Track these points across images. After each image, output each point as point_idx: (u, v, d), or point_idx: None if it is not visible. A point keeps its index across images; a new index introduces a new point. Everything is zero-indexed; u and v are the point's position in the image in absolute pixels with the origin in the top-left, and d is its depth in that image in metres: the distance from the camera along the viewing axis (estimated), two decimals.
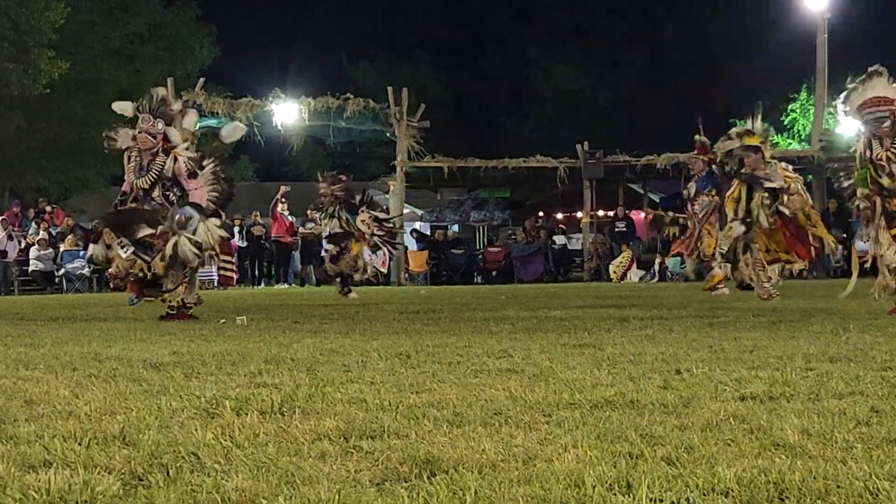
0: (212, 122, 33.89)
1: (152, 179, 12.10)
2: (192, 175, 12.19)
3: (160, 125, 12.19)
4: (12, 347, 8.33)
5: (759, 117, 15.98)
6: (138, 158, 12.23)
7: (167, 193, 12.16)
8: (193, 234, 11.96)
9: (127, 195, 12.42)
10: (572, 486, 3.12)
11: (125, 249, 11.84)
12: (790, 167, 15.07)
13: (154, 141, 12.17)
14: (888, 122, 10.83)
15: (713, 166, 18.14)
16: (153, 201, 12.16)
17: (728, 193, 14.68)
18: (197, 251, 11.97)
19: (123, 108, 12.95)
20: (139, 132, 12.21)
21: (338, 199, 19.33)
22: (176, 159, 12.10)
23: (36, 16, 36.91)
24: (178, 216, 12.02)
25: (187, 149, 12.27)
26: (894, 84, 11.07)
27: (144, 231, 11.86)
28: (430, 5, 72.80)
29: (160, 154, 12.17)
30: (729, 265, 17.36)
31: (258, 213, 33.09)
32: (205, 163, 12.28)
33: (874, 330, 8.51)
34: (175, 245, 11.79)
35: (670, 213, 19.82)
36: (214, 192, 12.35)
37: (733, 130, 15.85)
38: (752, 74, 52.06)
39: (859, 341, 7.52)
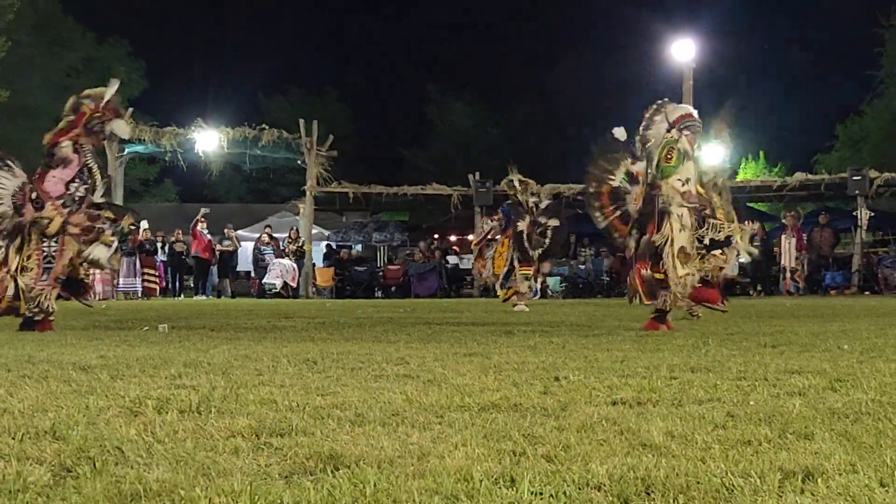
0: (139, 147, 33.70)
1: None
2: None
3: None
4: None
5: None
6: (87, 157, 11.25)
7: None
8: None
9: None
10: (462, 480, 3.12)
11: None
12: None
13: None
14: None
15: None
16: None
17: None
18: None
19: (124, 129, 12.14)
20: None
21: None
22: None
23: None
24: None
25: None
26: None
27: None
28: (339, 46, 73.06)
29: None
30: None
31: (180, 232, 32.79)
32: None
33: (730, 344, 8.62)
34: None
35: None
36: None
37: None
38: (625, 115, 52.72)
39: (717, 354, 7.61)
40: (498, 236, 19.52)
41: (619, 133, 11.79)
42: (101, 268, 12.57)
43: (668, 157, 11.10)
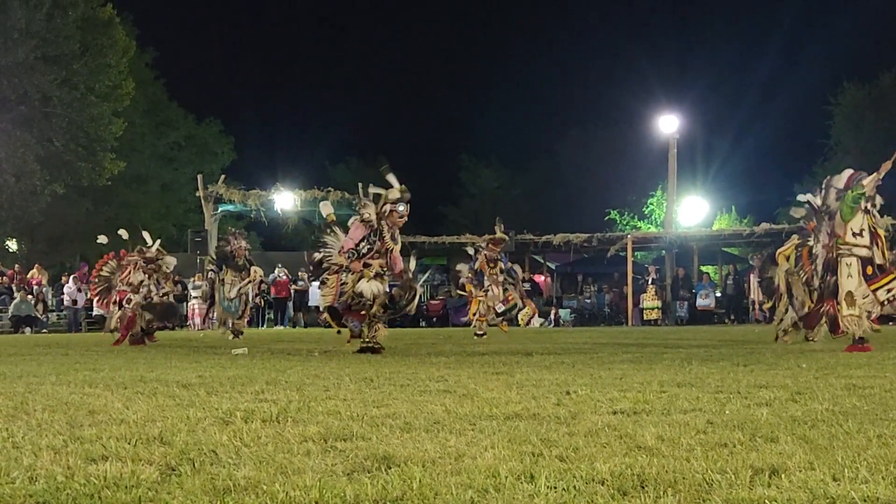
0: (230, 207, 33.93)
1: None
2: None
3: None
4: (80, 371, 8.22)
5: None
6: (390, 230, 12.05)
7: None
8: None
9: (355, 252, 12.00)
10: (490, 476, 3.11)
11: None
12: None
13: None
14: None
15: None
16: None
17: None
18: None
19: (327, 208, 13.47)
20: (402, 217, 12.31)
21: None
22: None
23: (102, 128, 36.94)
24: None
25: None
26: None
27: None
28: (389, 124, 73.67)
29: None
30: None
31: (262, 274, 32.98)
32: None
33: (709, 363, 8.56)
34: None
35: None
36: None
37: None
38: (622, 176, 52.64)
39: (699, 371, 7.56)
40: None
41: (803, 198, 11.91)
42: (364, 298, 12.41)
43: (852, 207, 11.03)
